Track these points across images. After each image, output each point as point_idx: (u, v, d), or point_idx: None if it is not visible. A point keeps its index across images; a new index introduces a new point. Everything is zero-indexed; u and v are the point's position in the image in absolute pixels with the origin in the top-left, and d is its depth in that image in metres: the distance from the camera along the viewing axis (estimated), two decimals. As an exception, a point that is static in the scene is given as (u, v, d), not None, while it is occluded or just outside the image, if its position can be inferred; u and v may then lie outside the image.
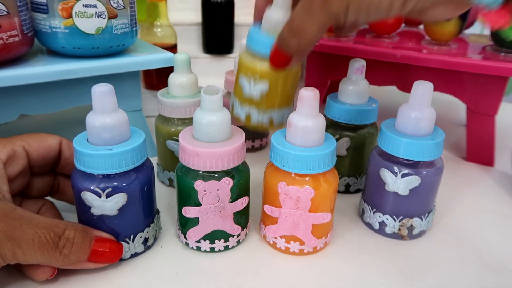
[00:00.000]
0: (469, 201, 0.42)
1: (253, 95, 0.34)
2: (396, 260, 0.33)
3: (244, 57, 0.34)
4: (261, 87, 0.33)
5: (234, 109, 0.36)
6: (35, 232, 0.26)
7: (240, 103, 0.35)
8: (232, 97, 0.36)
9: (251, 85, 0.33)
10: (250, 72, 0.33)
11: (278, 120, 0.35)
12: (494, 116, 0.46)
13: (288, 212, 0.31)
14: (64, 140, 0.32)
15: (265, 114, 0.35)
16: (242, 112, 0.35)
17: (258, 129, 0.35)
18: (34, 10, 0.38)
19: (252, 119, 0.35)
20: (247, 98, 0.34)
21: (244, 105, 0.35)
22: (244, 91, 0.34)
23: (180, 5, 0.64)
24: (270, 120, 0.35)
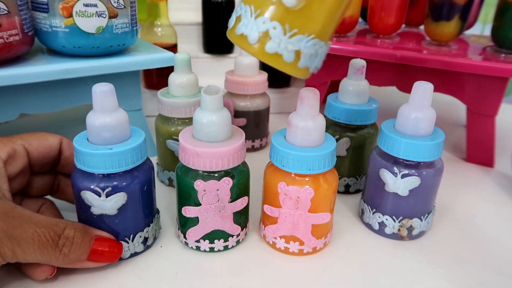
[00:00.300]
0: (469, 201, 0.42)
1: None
2: (396, 261, 0.33)
3: None
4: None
5: (238, 24, 0.23)
6: (35, 231, 0.26)
7: (255, 11, 0.22)
8: (240, 6, 0.24)
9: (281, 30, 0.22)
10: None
11: (307, 59, 0.23)
12: (494, 117, 0.46)
13: (287, 212, 0.31)
14: (64, 139, 0.32)
15: (293, 39, 0.22)
16: (254, 28, 0.22)
17: (271, 62, 0.23)
18: (35, 9, 0.38)
19: (270, 43, 0.22)
20: (271, 3, 0.22)
21: (262, 17, 0.22)
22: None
23: (181, 5, 0.64)
24: (297, 52, 0.22)
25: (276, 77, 0.62)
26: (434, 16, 0.46)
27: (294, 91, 0.63)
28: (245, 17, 0.23)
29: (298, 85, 0.64)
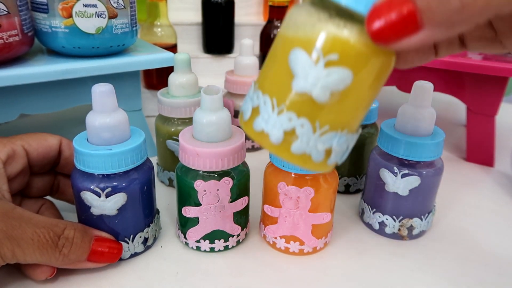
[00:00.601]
0: (469, 201, 0.42)
1: (315, 92, 0.18)
2: (396, 260, 0.33)
3: (306, 16, 0.18)
4: (340, 79, 0.18)
5: (257, 118, 0.20)
6: (35, 232, 0.26)
7: (278, 105, 0.19)
8: (255, 94, 0.20)
9: (319, 71, 0.18)
10: (321, 45, 0.17)
11: (339, 155, 0.20)
12: (494, 116, 0.46)
13: (288, 212, 0.31)
14: (64, 140, 0.32)
15: (324, 137, 0.19)
16: (277, 126, 0.19)
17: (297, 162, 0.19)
18: (34, 9, 0.38)
19: (298, 143, 0.19)
20: (298, 96, 0.18)
21: (287, 112, 0.19)
22: (297, 82, 0.18)
23: (180, 5, 0.64)
24: (327, 151, 0.19)
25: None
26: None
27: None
28: (265, 111, 0.19)
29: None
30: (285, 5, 0.59)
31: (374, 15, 0.17)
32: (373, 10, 0.17)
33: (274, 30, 0.59)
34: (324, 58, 0.17)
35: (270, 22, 0.60)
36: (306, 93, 0.18)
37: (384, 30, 0.16)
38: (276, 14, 0.59)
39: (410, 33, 0.16)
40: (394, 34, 0.16)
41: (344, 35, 0.17)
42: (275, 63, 0.19)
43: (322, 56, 0.17)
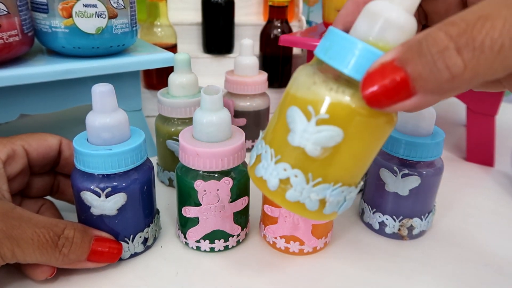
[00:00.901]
0: (469, 201, 0.42)
1: (307, 146, 0.20)
2: (396, 260, 0.33)
3: (304, 78, 0.20)
4: (330, 136, 0.19)
5: (257, 166, 0.22)
6: (34, 231, 0.26)
7: (275, 155, 0.21)
8: (260, 146, 0.22)
9: (311, 128, 0.19)
10: (313, 105, 0.19)
11: (334, 206, 0.21)
12: (494, 116, 0.46)
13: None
14: (64, 140, 0.32)
15: (316, 188, 0.20)
16: (273, 174, 0.21)
17: (292, 209, 0.21)
18: (34, 9, 0.38)
19: (291, 191, 0.21)
20: (293, 149, 0.20)
21: (284, 162, 0.21)
22: (292, 137, 0.20)
23: (180, 5, 0.64)
24: (322, 201, 0.21)
25: (276, 77, 0.62)
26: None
27: (294, 91, 0.63)
28: (265, 159, 0.21)
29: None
30: (285, 5, 0.59)
31: (368, 81, 0.18)
32: (367, 77, 0.18)
33: (274, 30, 0.59)
34: (315, 117, 0.19)
35: (270, 22, 0.60)
36: (300, 147, 0.20)
37: (378, 96, 0.17)
38: (276, 14, 0.59)
39: (403, 99, 0.17)
40: (387, 100, 0.17)
41: (336, 98, 0.19)
42: (277, 117, 0.21)
43: (314, 115, 0.19)
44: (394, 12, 0.18)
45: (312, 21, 0.87)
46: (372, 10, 0.18)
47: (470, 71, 0.16)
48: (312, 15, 0.87)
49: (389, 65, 0.17)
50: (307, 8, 0.87)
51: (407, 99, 0.17)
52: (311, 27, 0.60)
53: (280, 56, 0.61)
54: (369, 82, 0.18)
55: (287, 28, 0.60)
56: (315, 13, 0.87)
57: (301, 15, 0.67)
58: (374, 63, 0.18)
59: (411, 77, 0.17)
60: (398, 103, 0.17)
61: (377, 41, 0.18)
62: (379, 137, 0.20)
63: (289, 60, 0.62)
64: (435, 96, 0.17)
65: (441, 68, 0.16)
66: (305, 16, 0.84)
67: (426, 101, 0.17)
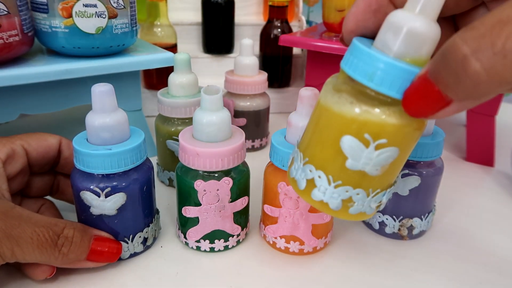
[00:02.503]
0: (469, 201, 0.42)
1: (369, 169, 0.21)
2: (396, 260, 0.33)
3: (345, 104, 0.20)
4: (389, 156, 0.20)
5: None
6: (34, 231, 0.26)
7: (333, 180, 0.21)
8: (301, 167, 0.23)
9: (371, 154, 0.20)
10: (367, 131, 0.20)
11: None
12: (494, 116, 0.46)
13: (288, 212, 0.31)
14: (63, 140, 0.32)
15: (375, 197, 0.22)
16: (335, 197, 0.22)
17: (320, 209, 0.23)
18: (34, 9, 0.38)
19: (354, 207, 0.22)
20: (353, 173, 0.21)
21: (344, 186, 0.21)
22: (352, 163, 0.21)
23: (180, 5, 0.64)
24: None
25: (276, 77, 0.62)
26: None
27: (294, 91, 0.63)
28: (321, 184, 0.22)
29: (298, 85, 0.64)
30: (285, 5, 0.59)
31: (408, 99, 0.19)
32: (407, 96, 0.19)
33: (274, 30, 0.59)
34: (374, 143, 0.20)
35: (270, 22, 0.60)
36: (360, 171, 0.21)
37: (421, 109, 0.18)
38: (276, 14, 0.59)
39: (442, 107, 0.18)
40: (430, 110, 0.18)
41: (388, 121, 0.19)
42: (325, 142, 0.21)
43: (372, 142, 0.20)
44: (420, 24, 0.18)
45: (312, 21, 0.87)
46: (396, 23, 0.19)
47: (494, 76, 0.15)
48: (312, 15, 0.87)
49: (423, 80, 0.18)
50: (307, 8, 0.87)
51: (447, 106, 0.18)
52: (311, 27, 0.60)
53: (280, 56, 0.61)
54: (410, 99, 0.19)
55: (287, 28, 0.60)
56: (315, 13, 0.87)
57: (301, 15, 0.67)
58: (413, 81, 0.18)
59: (442, 89, 0.17)
60: (440, 111, 0.18)
61: (412, 57, 0.19)
62: (418, 139, 0.22)
63: (289, 60, 0.62)
64: (471, 101, 0.17)
65: (462, 76, 0.16)
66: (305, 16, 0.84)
67: (464, 106, 0.18)
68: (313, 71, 0.55)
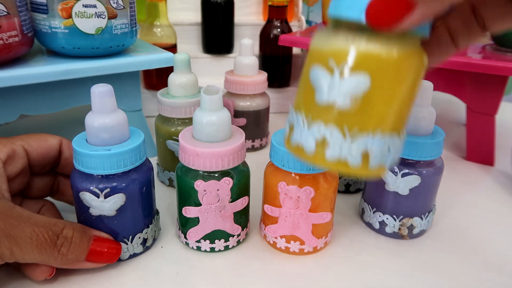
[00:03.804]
0: (469, 200, 0.42)
1: (336, 100, 0.19)
2: (396, 260, 0.33)
3: (320, 38, 0.20)
4: (356, 83, 0.19)
5: (292, 134, 0.22)
6: (33, 231, 0.26)
7: (307, 120, 0.20)
8: (291, 116, 0.22)
9: (336, 81, 0.19)
10: (334, 57, 0.19)
11: (379, 157, 0.20)
12: (494, 115, 0.46)
13: (288, 212, 0.31)
14: (64, 140, 0.32)
15: (356, 141, 0.20)
16: (309, 137, 0.20)
17: (337, 169, 0.20)
18: (34, 10, 0.38)
19: (330, 149, 0.20)
20: (323, 109, 0.20)
21: (316, 123, 0.20)
22: (320, 95, 0.20)
23: (180, 5, 0.64)
24: (364, 154, 0.20)
25: (276, 77, 0.62)
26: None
27: (294, 90, 0.63)
28: (297, 126, 0.21)
29: (297, 84, 0.64)
30: (284, 5, 0.59)
31: (370, 8, 0.18)
32: (370, 5, 0.18)
33: (274, 30, 0.59)
34: (338, 69, 0.19)
35: (270, 22, 0.60)
36: (330, 104, 0.19)
37: (383, 18, 0.18)
38: (276, 14, 0.59)
39: (406, 13, 0.17)
40: (393, 18, 0.17)
41: (353, 45, 0.19)
42: (301, 82, 0.21)
43: (336, 67, 0.19)
44: None
45: (312, 21, 0.87)
46: None
47: None
48: (312, 15, 0.87)
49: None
50: (306, 8, 0.87)
51: (410, 12, 0.17)
52: (311, 27, 0.60)
53: (280, 56, 0.61)
54: (372, 8, 0.18)
55: (286, 28, 0.60)
56: (315, 13, 0.87)
57: (301, 15, 0.67)
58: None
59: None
60: (403, 18, 0.17)
61: None
62: (409, 80, 0.20)
63: (289, 60, 0.62)
64: (436, 3, 0.17)
65: None
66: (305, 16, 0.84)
67: (428, 10, 0.17)
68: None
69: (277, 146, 0.30)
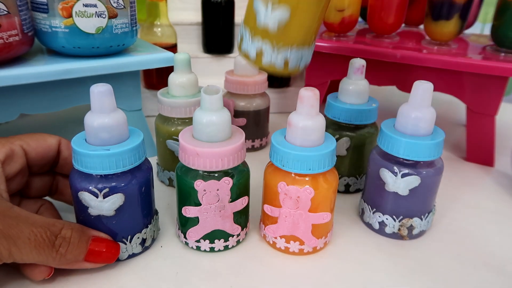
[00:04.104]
0: (469, 201, 0.42)
1: (268, 24, 0.28)
2: (396, 260, 0.33)
3: None
4: (280, 14, 0.28)
5: (242, 43, 0.30)
6: (32, 231, 0.25)
7: (251, 35, 0.29)
8: (242, 28, 0.31)
9: (268, 10, 0.28)
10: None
11: (295, 62, 0.29)
12: (494, 116, 0.46)
13: (288, 212, 0.31)
14: (63, 140, 0.32)
15: (280, 52, 0.29)
16: (252, 47, 0.30)
17: (269, 70, 0.30)
18: (34, 9, 0.38)
19: (265, 57, 0.29)
20: (260, 29, 0.29)
21: (256, 38, 0.29)
22: (258, 19, 0.29)
23: (180, 5, 0.64)
24: (286, 61, 0.29)
25: (276, 77, 0.62)
26: (434, 15, 0.46)
27: (294, 91, 0.63)
28: (245, 38, 0.29)
29: (298, 85, 0.64)
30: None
31: None
32: None
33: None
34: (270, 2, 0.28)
35: (270, 22, 0.60)
36: (264, 26, 0.28)
37: None
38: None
39: None
40: None
41: None
42: (248, 5, 0.30)
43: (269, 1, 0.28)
44: None
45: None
46: None
47: None
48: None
49: None
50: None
51: None
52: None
53: (280, 56, 0.61)
54: None
55: (287, 28, 0.60)
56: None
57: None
58: None
59: None
60: None
61: None
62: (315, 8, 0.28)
63: (289, 60, 0.62)
64: None
65: None
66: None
67: None
68: (313, 71, 0.55)
69: (277, 146, 0.30)
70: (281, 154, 0.30)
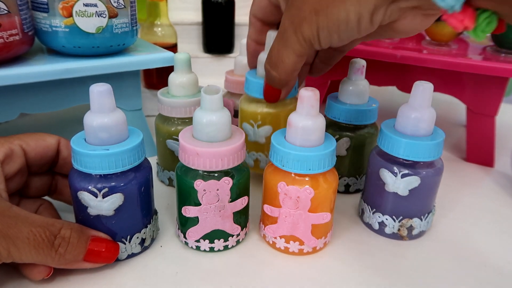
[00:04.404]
0: (469, 201, 0.41)
1: (258, 140, 0.37)
2: (396, 260, 0.33)
3: (243, 104, 0.37)
4: (266, 131, 0.36)
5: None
6: (31, 231, 0.25)
7: (247, 149, 0.36)
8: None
9: (255, 130, 0.36)
10: (251, 118, 0.36)
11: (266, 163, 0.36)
12: (494, 116, 0.46)
13: (287, 212, 0.31)
14: (62, 140, 0.32)
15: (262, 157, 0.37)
16: (249, 159, 0.38)
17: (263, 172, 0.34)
18: (35, 9, 0.38)
19: (261, 164, 0.38)
20: (252, 143, 0.37)
21: (251, 151, 0.37)
22: (249, 138, 0.37)
23: (181, 5, 0.64)
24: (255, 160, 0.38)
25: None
26: (434, 15, 0.46)
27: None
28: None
29: (298, 85, 0.64)
30: (285, 5, 0.59)
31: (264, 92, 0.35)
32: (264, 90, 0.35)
33: (274, 30, 0.59)
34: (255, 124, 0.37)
35: (270, 22, 0.60)
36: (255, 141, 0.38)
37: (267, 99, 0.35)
38: (276, 14, 0.59)
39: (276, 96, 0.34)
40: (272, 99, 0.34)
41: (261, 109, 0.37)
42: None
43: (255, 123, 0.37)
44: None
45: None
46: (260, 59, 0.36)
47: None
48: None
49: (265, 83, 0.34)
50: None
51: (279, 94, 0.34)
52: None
53: (280, 56, 0.61)
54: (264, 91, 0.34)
55: (287, 28, 0.60)
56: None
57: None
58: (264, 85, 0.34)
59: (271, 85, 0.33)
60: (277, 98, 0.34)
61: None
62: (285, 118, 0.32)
63: (289, 60, 0.62)
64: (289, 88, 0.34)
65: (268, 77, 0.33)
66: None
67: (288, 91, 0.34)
68: (313, 71, 0.55)
69: (277, 146, 0.30)
70: (281, 154, 0.30)
